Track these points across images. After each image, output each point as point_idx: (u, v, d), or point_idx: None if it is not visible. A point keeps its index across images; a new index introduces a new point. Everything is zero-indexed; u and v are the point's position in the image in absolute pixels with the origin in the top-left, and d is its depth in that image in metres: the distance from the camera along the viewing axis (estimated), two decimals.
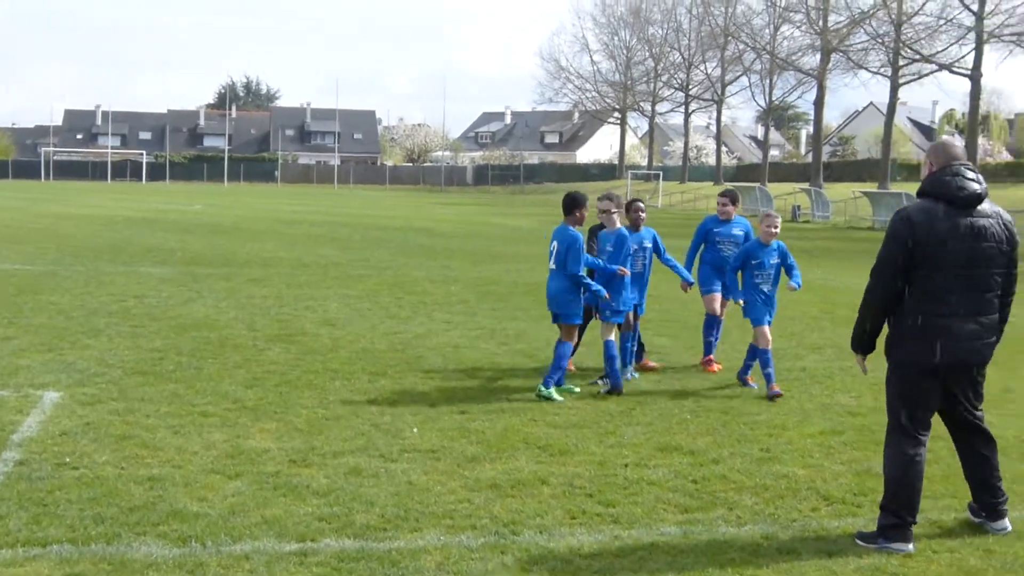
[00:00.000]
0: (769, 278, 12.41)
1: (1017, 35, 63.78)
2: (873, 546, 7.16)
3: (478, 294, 21.04)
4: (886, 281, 7.22)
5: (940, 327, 7.12)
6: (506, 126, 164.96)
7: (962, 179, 7.15)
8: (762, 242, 12.41)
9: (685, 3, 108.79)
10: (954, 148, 7.34)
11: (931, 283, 7.10)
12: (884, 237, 7.29)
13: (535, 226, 50.40)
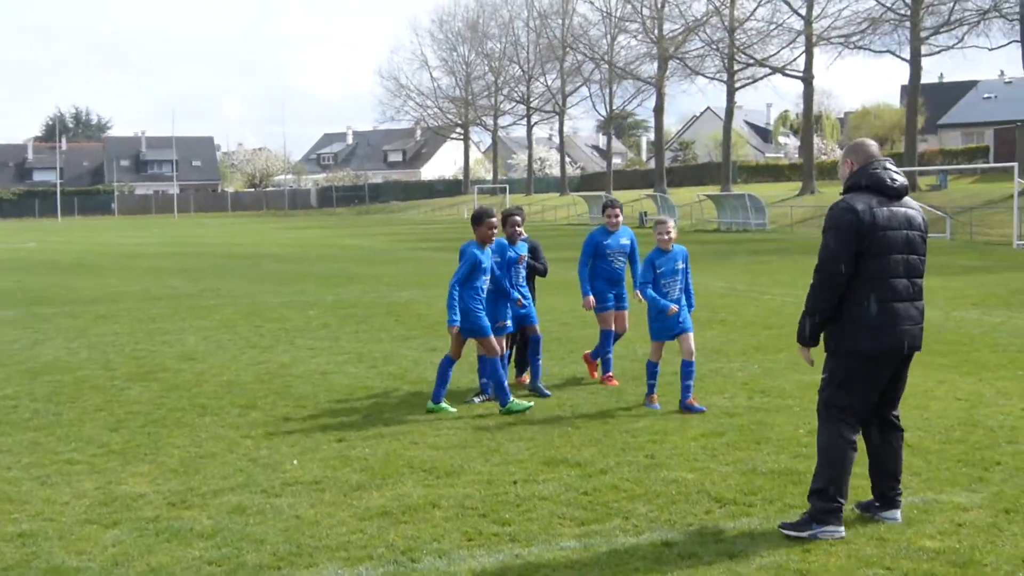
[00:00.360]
0: (675, 284, 11.82)
1: (845, 37, 65.98)
2: (806, 533, 7.30)
3: (338, 318, 20.74)
4: (838, 270, 7.31)
5: (890, 312, 7.33)
6: (348, 146, 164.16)
7: (891, 172, 7.50)
8: (662, 249, 11.85)
9: (522, 17, 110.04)
10: (872, 147, 7.69)
11: (878, 270, 7.32)
12: (826, 229, 7.43)
13: (385, 246, 50.17)
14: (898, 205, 7.45)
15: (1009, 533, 7.29)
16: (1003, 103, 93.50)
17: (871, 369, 7.45)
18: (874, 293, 7.34)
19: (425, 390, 12.93)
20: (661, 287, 11.79)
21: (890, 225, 7.34)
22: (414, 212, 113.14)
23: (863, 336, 7.36)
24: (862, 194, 7.45)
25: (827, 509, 7.36)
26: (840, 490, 7.41)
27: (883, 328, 7.33)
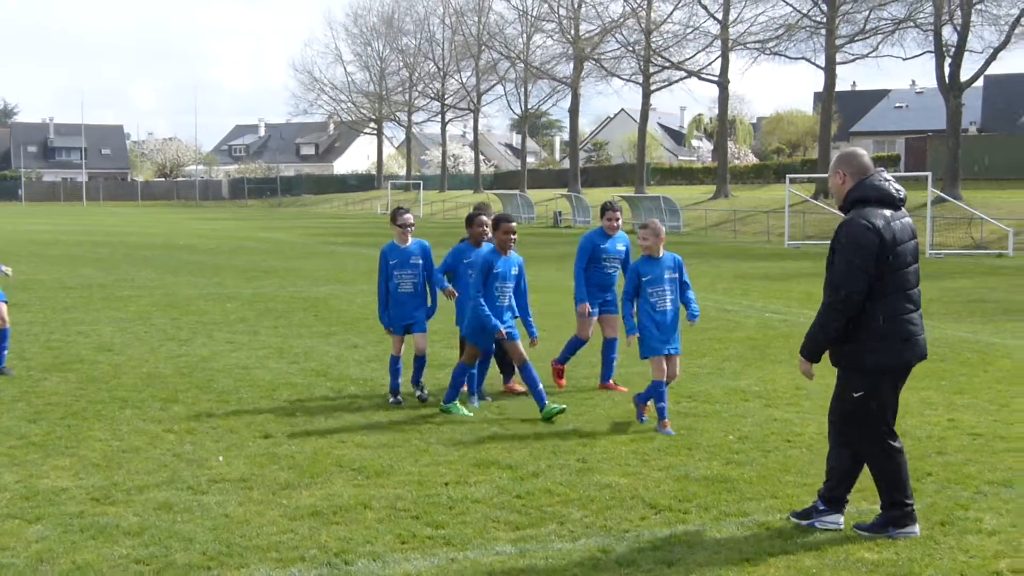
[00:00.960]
0: (664, 295, 10.89)
1: (760, 43, 66.70)
2: (884, 535, 7.43)
3: (257, 312, 20.44)
4: (859, 290, 7.24)
5: (907, 325, 7.37)
6: (260, 138, 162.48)
7: (892, 183, 7.47)
8: (650, 256, 10.97)
9: (438, 13, 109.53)
10: (865, 157, 7.60)
11: (894, 284, 7.31)
12: (844, 246, 7.31)
13: (299, 239, 49.66)
14: (903, 215, 7.48)
15: (946, 546, 7.33)
16: (914, 113, 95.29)
17: (897, 381, 7.53)
18: (896, 307, 7.33)
19: (348, 387, 12.77)
20: (649, 297, 10.85)
21: (903, 238, 7.35)
22: (327, 206, 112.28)
23: (891, 351, 7.35)
24: (874, 208, 7.36)
25: (901, 515, 7.49)
26: (905, 494, 7.51)
27: (908, 340, 7.37)
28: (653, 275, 10.86)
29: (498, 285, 11.32)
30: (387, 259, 12.09)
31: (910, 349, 7.41)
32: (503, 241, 11.41)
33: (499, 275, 11.31)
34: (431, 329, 12.70)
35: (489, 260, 11.31)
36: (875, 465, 7.62)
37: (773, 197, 62.89)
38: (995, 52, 56.12)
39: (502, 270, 11.34)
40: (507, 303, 11.47)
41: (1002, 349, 16.20)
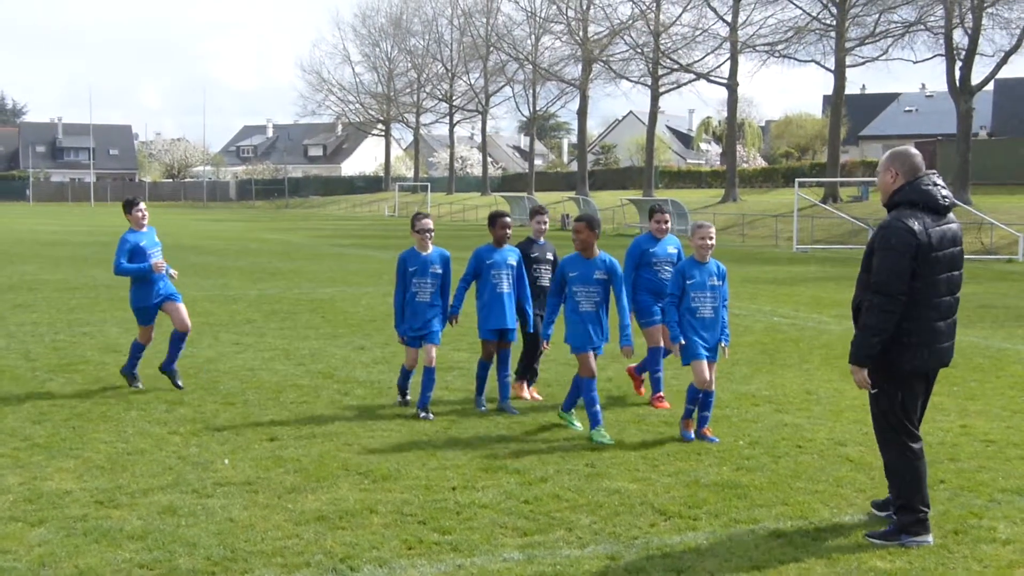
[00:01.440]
0: (707, 301, 10.51)
1: (770, 45, 66.54)
2: (895, 543, 7.37)
3: (263, 313, 20.37)
4: (901, 290, 7.27)
5: (936, 331, 7.40)
6: (268, 139, 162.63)
7: (940, 188, 7.44)
8: (697, 260, 10.61)
9: (446, 14, 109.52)
10: (918, 157, 7.55)
11: (926, 290, 7.32)
12: (883, 248, 7.32)
13: (306, 241, 49.61)
14: (947, 221, 7.45)
15: (960, 555, 7.22)
16: (924, 116, 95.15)
17: (918, 385, 7.55)
18: (919, 315, 7.34)
19: (354, 389, 12.68)
20: (691, 301, 10.45)
21: (941, 246, 7.33)
22: (334, 208, 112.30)
23: (911, 355, 7.38)
24: (916, 212, 7.37)
25: (914, 521, 7.44)
26: (922, 500, 7.48)
27: (930, 347, 7.39)
28: (696, 279, 10.51)
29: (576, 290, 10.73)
30: (406, 266, 11.72)
31: (939, 356, 7.46)
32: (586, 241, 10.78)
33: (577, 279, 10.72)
34: None
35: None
36: (890, 466, 7.61)
37: (782, 201, 62.76)
38: (1006, 56, 55.92)
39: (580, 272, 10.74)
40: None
41: (1014, 355, 16.07)
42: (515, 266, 12.04)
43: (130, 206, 12.93)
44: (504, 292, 11.84)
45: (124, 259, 12.58)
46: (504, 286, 11.85)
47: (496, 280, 11.84)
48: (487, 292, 11.89)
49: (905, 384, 7.47)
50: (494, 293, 11.83)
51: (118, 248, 12.57)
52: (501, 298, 11.83)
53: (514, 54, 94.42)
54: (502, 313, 11.81)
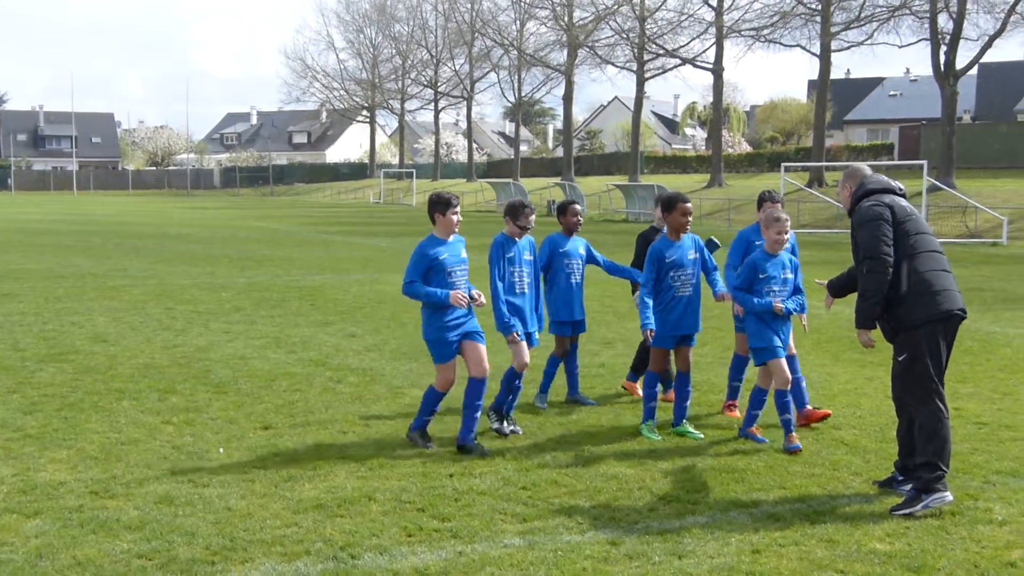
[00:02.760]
0: (781, 294, 9.98)
1: (755, 30, 66.54)
2: (918, 507, 7.67)
3: (253, 301, 20.30)
4: (885, 252, 7.93)
5: (934, 279, 7.95)
6: (252, 127, 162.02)
7: (888, 179, 8.41)
8: (769, 252, 10.07)
9: (431, 0, 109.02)
10: (866, 170, 8.58)
11: (918, 246, 8.00)
12: (860, 225, 8.07)
13: (292, 228, 49.49)
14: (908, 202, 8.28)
15: (957, 536, 7.26)
16: (908, 101, 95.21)
17: (937, 335, 7.91)
18: (921, 266, 7.96)
19: (347, 376, 12.65)
20: (765, 295, 9.88)
21: (908, 211, 8.14)
22: (319, 195, 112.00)
23: (927, 304, 7.90)
24: (878, 195, 8.24)
25: (934, 478, 7.75)
26: (943, 458, 7.82)
27: (941, 293, 7.92)
28: (769, 273, 9.96)
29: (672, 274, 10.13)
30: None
31: (947, 300, 7.92)
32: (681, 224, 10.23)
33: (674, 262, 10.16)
34: None
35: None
36: (923, 426, 7.92)
37: (767, 185, 62.53)
38: (990, 40, 56.05)
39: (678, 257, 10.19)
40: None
41: (1002, 338, 16.13)
42: (584, 256, 11.46)
43: (445, 206, 9.70)
44: (576, 283, 11.30)
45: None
46: (577, 276, 11.32)
47: (570, 270, 11.29)
48: (561, 282, 11.26)
49: (928, 337, 7.88)
50: (568, 283, 11.26)
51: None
52: (575, 289, 11.29)
53: (499, 40, 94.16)
54: (577, 305, 11.32)
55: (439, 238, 9.64)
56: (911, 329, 7.93)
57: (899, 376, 8.04)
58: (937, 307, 7.89)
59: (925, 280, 7.92)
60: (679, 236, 10.23)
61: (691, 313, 10.15)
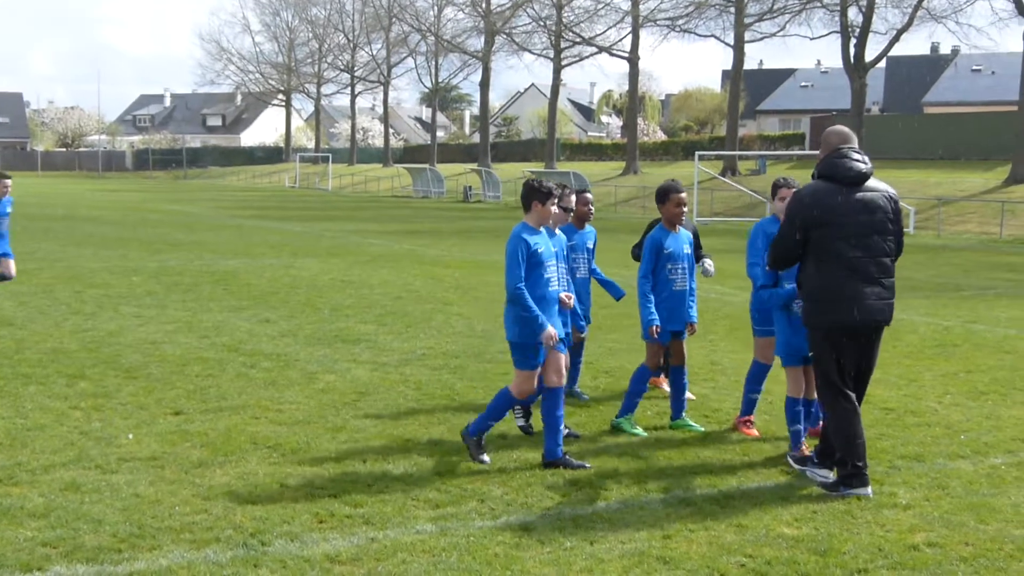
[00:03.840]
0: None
1: (671, 20, 67.02)
2: (836, 494, 7.87)
3: (164, 285, 20.02)
4: (780, 253, 8.18)
5: (851, 290, 7.89)
6: (166, 109, 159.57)
7: (849, 160, 8.02)
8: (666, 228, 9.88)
9: None
10: (836, 135, 8.21)
11: (834, 252, 7.90)
12: (785, 214, 8.26)
13: (206, 212, 48.95)
14: (858, 191, 7.96)
15: (863, 520, 7.39)
16: (819, 92, 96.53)
17: (841, 340, 7.98)
18: (833, 274, 7.90)
19: (261, 362, 12.54)
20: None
21: (843, 211, 7.88)
22: (233, 178, 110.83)
23: (827, 311, 7.96)
24: (821, 182, 8.06)
25: (850, 474, 7.91)
26: (856, 455, 7.93)
27: (843, 303, 7.88)
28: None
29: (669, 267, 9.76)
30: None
31: (846, 312, 7.89)
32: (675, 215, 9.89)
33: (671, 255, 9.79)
34: None
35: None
36: (829, 422, 8.16)
37: (681, 174, 63.22)
38: (898, 34, 57.19)
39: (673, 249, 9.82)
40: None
41: (909, 325, 16.43)
42: (591, 251, 10.79)
43: (546, 196, 8.65)
44: (581, 277, 10.55)
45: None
46: (584, 270, 10.59)
47: (576, 265, 10.44)
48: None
49: (831, 341, 7.97)
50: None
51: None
52: (580, 283, 10.45)
53: (416, 25, 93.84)
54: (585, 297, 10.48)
55: (533, 227, 8.69)
56: (813, 330, 8.09)
57: (813, 368, 8.34)
58: (836, 316, 7.92)
59: (830, 287, 7.91)
60: (675, 227, 9.88)
61: (686, 306, 9.84)
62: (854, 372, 8.12)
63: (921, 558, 6.70)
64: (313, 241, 32.25)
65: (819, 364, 8.14)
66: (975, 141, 59.35)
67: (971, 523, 7.36)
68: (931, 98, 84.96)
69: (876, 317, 7.99)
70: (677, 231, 9.88)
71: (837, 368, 8.02)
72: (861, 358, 8.13)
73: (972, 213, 44.02)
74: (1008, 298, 20.88)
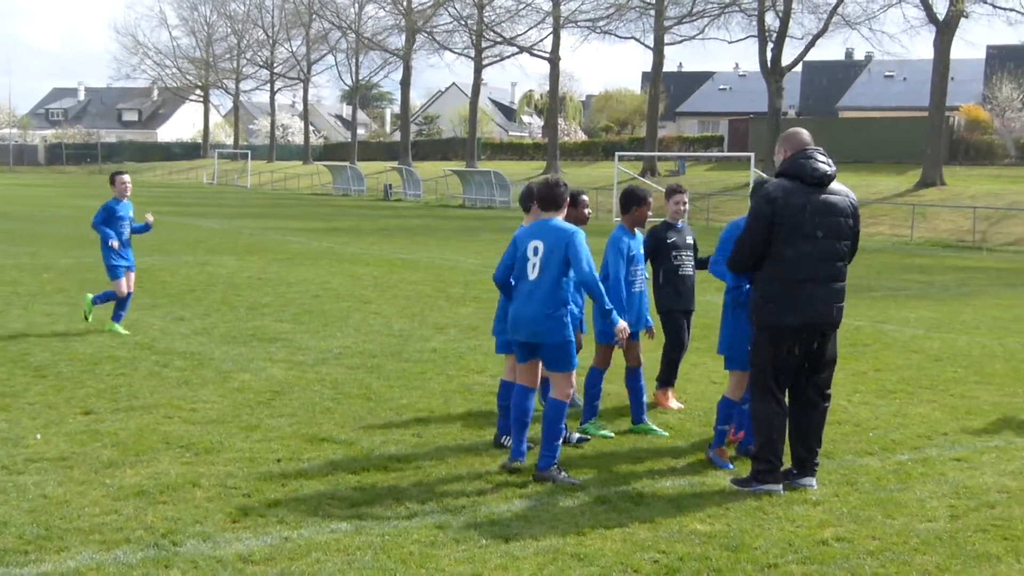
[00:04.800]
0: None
1: (591, 21, 67.36)
2: (748, 489, 7.97)
3: (76, 283, 19.70)
4: (747, 253, 8.07)
5: (800, 292, 7.94)
6: (80, 103, 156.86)
7: (815, 162, 8.04)
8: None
9: None
10: (801, 136, 8.25)
11: (791, 253, 7.92)
12: (749, 213, 8.13)
13: None
14: (821, 192, 7.99)
15: (774, 516, 7.49)
16: (737, 95, 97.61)
17: (784, 342, 8.02)
18: (784, 274, 7.94)
19: (174, 360, 12.39)
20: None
21: (807, 211, 7.89)
22: (150, 174, 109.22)
23: (775, 312, 7.98)
24: (786, 181, 8.03)
25: (765, 470, 8.00)
26: (774, 452, 8.01)
27: (793, 305, 7.94)
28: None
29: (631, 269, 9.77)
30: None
31: (795, 313, 7.95)
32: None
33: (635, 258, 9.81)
34: None
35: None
36: (754, 417, 8.19)
37: (602, 174, 63.61)
38: (814, 39, 58.05)
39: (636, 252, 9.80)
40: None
41: None
42: None
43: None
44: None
45: None
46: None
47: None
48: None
49: (773, 341, 8.03)
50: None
51: None
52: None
53: (337, 22, 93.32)
54: None
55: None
56: (761, 329, 8.11)
57: (751, 363, 8.34)
58: (787, 317, 7.95)
59: (786, 287, 7.92)
60: (634, 231, 9.92)
61: (642, 308, 9.87)
62: (804, 373, 8.17)
63: (830, 552, 6.80)
64: (231, 238, 31.94)
65: (756, 362, 8.19)
66: (887, 145, 60.36)
67: (878, 518, 7.50)
68: (845, 103, 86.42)
69: (825, 320, 8.06)
70: (636, 234, 9.96)
71: (773, 369, 8.06)
72: (809, 358, 8.15)
73: (884, 216, 44.75)
74: (917, 299, 21.29)
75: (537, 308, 8.25)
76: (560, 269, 8.26)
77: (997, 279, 26.11)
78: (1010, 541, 7.10)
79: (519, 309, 8.38)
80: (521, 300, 8.38)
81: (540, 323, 8.25)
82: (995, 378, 12.77)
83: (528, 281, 8.36)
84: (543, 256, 8.29)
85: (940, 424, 10.38)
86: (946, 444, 9.65)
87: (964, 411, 10.96)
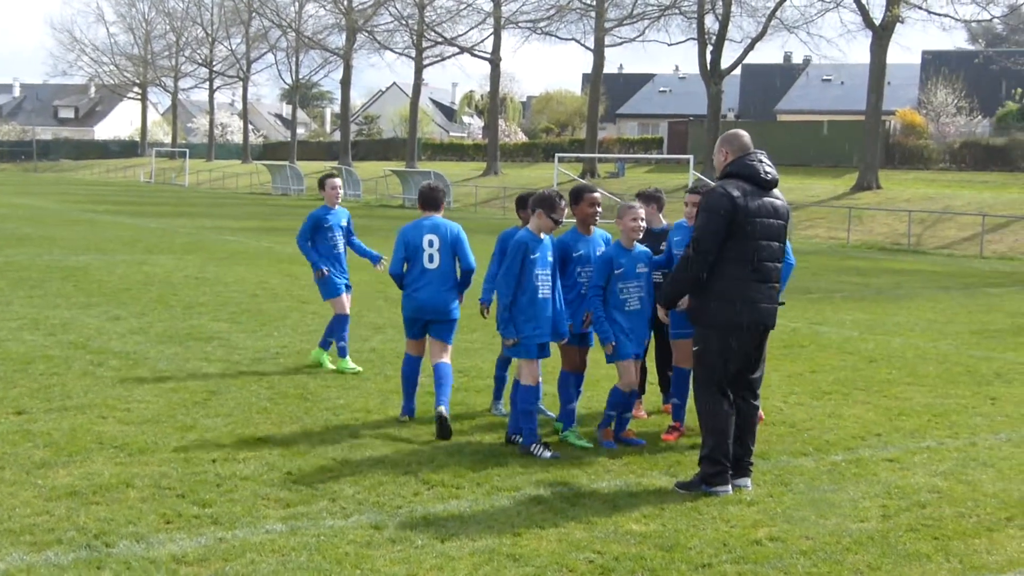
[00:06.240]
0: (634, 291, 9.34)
1: (532, 22, 67.50)
2: (697, 491, 8.01)
3: (9, 281, 19.44)
4: (709, 249, 8.01)
5: (752, 290, 8.06)
6: (15, 99, 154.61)
7: (765, 165, 8.18)
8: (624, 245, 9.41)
9: None
10: (746, 138, 8.32)
11: (739, 252, 8.01)
12: (704, 210, 8.11)
13: (57, 206, 47.62)
14: (767, 195, 8.14)
15: (709, 516, 7.55)
16: (677, 97, 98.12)
17: (733, 341, 8.11)
18: (731, 273, 8.02)
19: (109, 360, 12.27)
20: (619, 293, 9.30)
21: (759, 213, 8.04)
22: (86, 172, 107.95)
23: (727, 311, 8.05)
24: (737, 182, 8.09)
25: (715, 472, 8.08)
26: (724, 453, 8.08)
27: (744, 304, 8.04)
28: (623, 267, 9.31)
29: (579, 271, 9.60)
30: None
31: (746, 312, 8.05)
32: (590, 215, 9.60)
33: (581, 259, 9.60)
34: None
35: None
36: (702, 416, 8.24)
37: (542, 175, 63.71)
38: (752, 42, 58.47)
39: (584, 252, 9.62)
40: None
41: None
42: None
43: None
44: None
45: None
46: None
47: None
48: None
49: (720, 340, 8.10)
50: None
51: None
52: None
53: (277, 21, 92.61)
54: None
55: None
56: (707, 328, 8.16)
57: (695, 367, 8.41)
58: (731, 317, 8.04)
59: (730, 287, 8.01)
60: (589, 229, 9.61)
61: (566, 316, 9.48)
62: (741, 372, 8.25)
63: (763, 552, 6.88)
64: (168, 237, 31.63)
65: (703, 362, 8.23)
66: (824, 148, 60.99)
67: (811, 518, 7.59)
68: (783, 106, 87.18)
69: (767, 320, 8.21)
70: (591, 233, 9.67)
71: (723, 368, 8.15)
72: (748, 359, 8.26)
73: (821, 218, 45.20)
74: (853, 301, 21.55)
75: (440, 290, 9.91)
76: (452, 258, 9.83)
77: (931, 282, 26.46)
78: (940, 540, 7.22)
79: (428, 293, 10.04)
80: (430, 285, 10.01)
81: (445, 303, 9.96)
82: (928, 379, 12.96)
83: (429, 270, 10.01)
84: (440, 248, 9.93)
85: (873, 425, 10.53)
86: (879, 445, 9.79)
87: (897, 412, 11.11)
